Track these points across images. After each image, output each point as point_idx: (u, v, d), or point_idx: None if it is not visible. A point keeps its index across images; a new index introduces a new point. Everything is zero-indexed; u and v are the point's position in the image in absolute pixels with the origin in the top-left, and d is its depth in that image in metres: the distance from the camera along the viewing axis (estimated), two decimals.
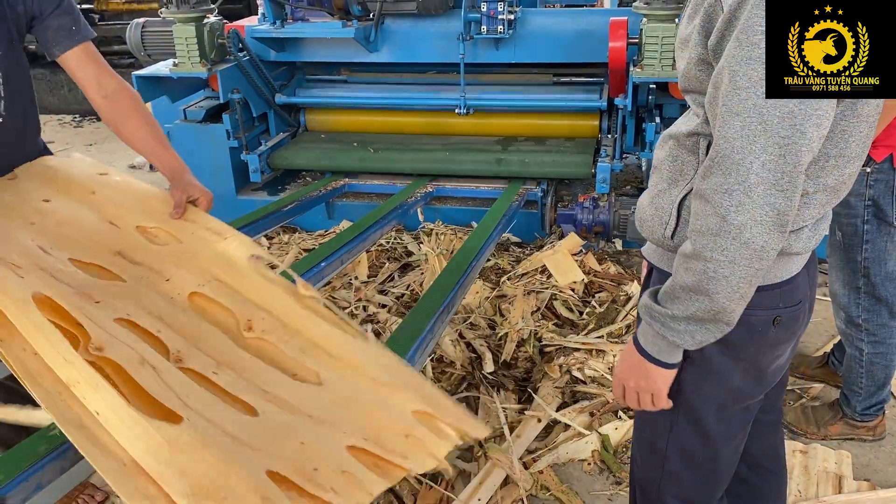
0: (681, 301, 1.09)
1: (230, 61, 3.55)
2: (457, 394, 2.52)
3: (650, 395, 1.21)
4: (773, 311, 1.17)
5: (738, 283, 1.03)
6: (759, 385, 1.27)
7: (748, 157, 0.97)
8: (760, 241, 1.00)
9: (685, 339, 1.11)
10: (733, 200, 0.99)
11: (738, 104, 0.97)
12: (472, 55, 3.60)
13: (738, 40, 0.97)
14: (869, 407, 2.27)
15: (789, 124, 0.95)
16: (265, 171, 3.72)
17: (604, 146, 3.53)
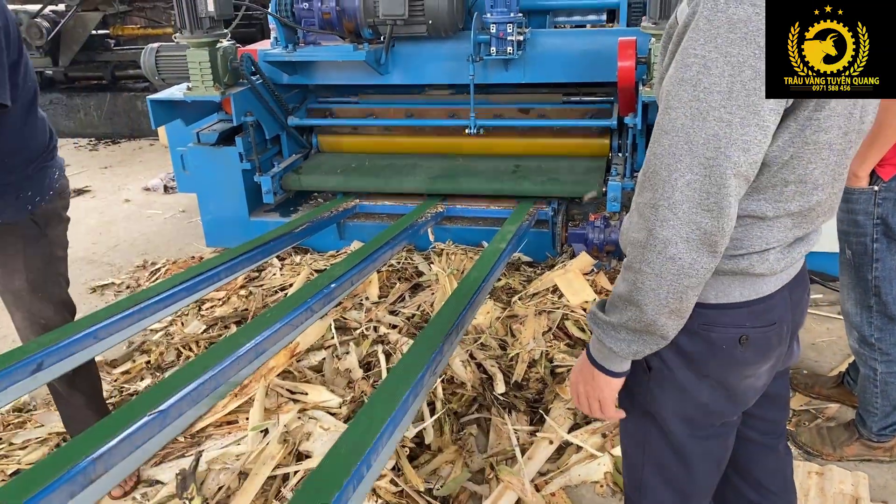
0: (617, 310, 1.12)
1: (243, 85, 3.60)
2: (468, 415, 2.52)
3: (597, 402, 1.23)
4: (738, 330, 1.16)
5: (666, 297, 1.05)
6: (730, 403, 1.26)
7: (674, 175, 0.99)
8: (687, 259, 1.02)
9: (622, 347, 1.13)
10: (659, 216, 1.01)
11: (667, 123, 1.00)
12: (482, 76, 3.63)
13: (676, 61, 0.99)
14: (885, 427, 2.24)
15: (714, 146, 0.96)
16: (278, 192, 3.76)
17: (614, 165, 3.54)
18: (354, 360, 2.76)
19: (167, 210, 4.79)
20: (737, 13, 0.93)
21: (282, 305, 2.21)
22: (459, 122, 3.76)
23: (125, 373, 2.89)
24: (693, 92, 0.97)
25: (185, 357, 2.95)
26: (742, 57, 0.93)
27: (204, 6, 3.24)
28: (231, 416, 2.56)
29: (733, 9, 0.93)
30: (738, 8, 0.93)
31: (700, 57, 0.96)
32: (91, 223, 4.66)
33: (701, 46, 0.96)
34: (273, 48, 3.81)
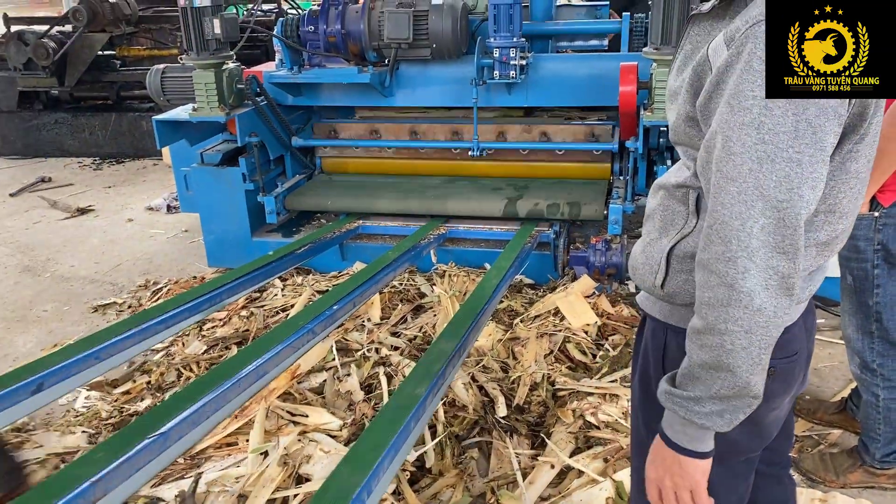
0: (701, 381, 1.04)
1: (248, 106, 3.63)
2: (469, 438, 2.50)
3: (688, 493, 1.13)
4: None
5: (758, 353, 1.00)
6: (757, 438, 1.24)
7: (748, 223, 0.96)
8: (772, 307, 0.98)
9: (714, 420, 1.05)
10: (738, 268, 0.97)
11: (732, 170, 0.97)
12: (485, 99, 3.66)
13: (730, 105, 0.97)
14: (889, 454, 2.22)
15: (786, 188, 0.95)
16: (281, 212, 3.78)
17: (616, 188, 3.55)
18: (356, 382, 2.75)
19: (170, 230, 4.81)
20: None
21: (283, 327, 2.21)
22: (462, 144, 3.79)
23: (125, 393, 2.89)
24: (757, 135, 0.95)
25: (186, 378, 2.94)
26: None
27: (210, 28, 3.28)
28: (231, 438, 2.55)
29: None
30: None
31: (759, 98, 0.94)
32: (94, 242, 4.67)
33: (759, 88, 0.94)
34: (278, 70, 3.85)
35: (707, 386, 1.04)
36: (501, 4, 3.37)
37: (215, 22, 3.26)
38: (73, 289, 3.93)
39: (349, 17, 3.56)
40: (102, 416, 2.71)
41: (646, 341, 1.29)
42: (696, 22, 1.13)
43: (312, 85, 3.85)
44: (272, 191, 3.76)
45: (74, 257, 4.42)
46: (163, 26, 6.92)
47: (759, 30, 0.94)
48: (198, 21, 3.30)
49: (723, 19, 1.06)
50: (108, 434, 2.60)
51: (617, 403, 2.56)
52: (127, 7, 6.60)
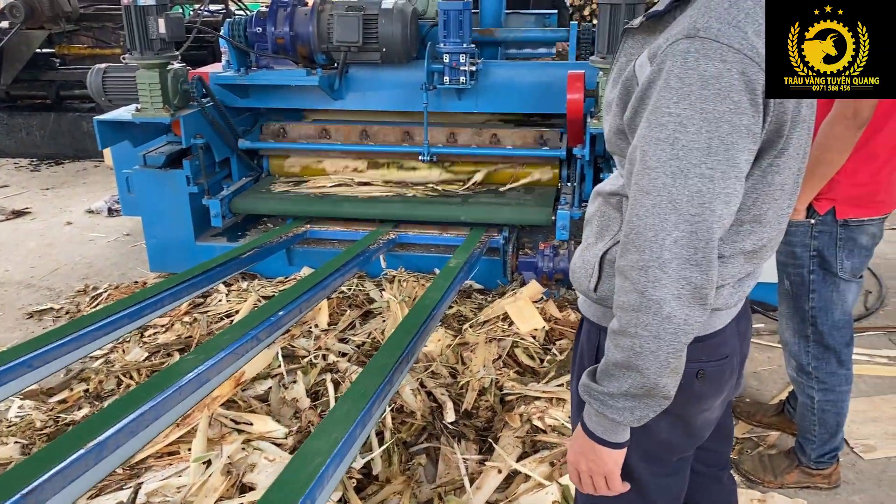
0: (615, 378, 1.09)
1: (194, 107, 3.55)
2: (417, 444, 2.49)
3: (603, 478, 1.19)
4: (696, 365, 1.17)
5: (666, 357, 1.04)
6: (688, 438, 1.27)
7: (660, 234, 1.00)
8: (682, 315, 1.02)
9: (625, 416, 1.11)
10: (650, 276, 1.01)
11: (648, 183, 1.01)
12: (436, 104, 3.66)
13: (648, 121, 1.00)
14: (823, 455, 2.29)
15: (698, 202, 0.98)
16: (227, 215, 3.70)
17: (563, 194, 3.60)
18: (302, 389, 2.71)
19: (111, 233, 4.67)
20: (708, 69, 0.95)
21: (227, 333, 2.17)
22: (412, 149, 3.78)
23: (62, 402, 2.78)
24: (671, 150, 0.98)
25: (126, 385, 2.86)
26: (718, 112, 0.96)
27: (155, 28, 3.21)
28: (172, 447, 2.48)
29: (704, 66, 0.95)
30: (708, 64, 0.95)
31: (675, 115, 0.97)
32: (31, 246, 4.50)
33: (675, 105, 0.97)
34: (225, 71, 3.78)
35: (619, 383, 1.09)
36: (451, 10, 3.38)
37: (160, 21, 3.18)
38: (6, 294, 3.77)
39: (298, 20, 3.52)
40: (37, 425, 2.60)
41: (581, 343, 1.31)
42: (629, 36, 1.16)
43: (260, 86, 3.80)
44: (217, 193, 3.69)
45: (9, 261, 4.25)
46: (105, 24, 6.72)
47: (678, 47, 0.97)
48: (142, 20, 3.22)
49: (653, 34, 1.09)
50: (42, 445, 2.50)
51: (563, 407, 2.58)
52: (67, 4, 6.39)
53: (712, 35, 0.96)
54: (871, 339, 3.26)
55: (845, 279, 2.10)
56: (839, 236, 2.05)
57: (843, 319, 2.16)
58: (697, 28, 0.97)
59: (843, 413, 2.24)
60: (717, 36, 0.96)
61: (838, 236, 2.05)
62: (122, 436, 1.52)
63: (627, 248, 1.04)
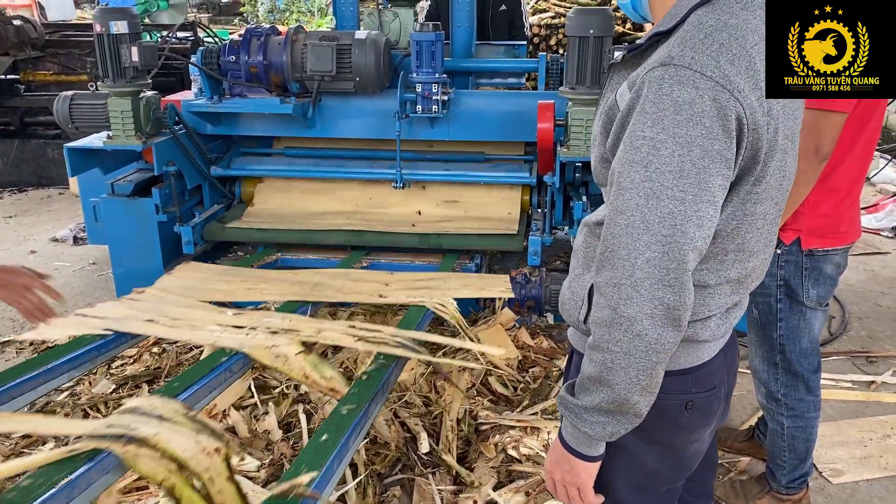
0: (588, 392, 1.12)
1: (166, 134, 3.53)
2: (391, 476, 2.47)
3: (576, 489, 1.22)
4: (684, 396, 1.20)
5: (636, 374, 1.06)
6: (676, 469, 1.29)
7: (633, 254, 1.03)
8: (653, 334, 1.04)
9: (597, 430, 1.13)
10: (622, 294, 1.04)
11: (622, 203, 1.04)
12: (408, 132, 3.69)
13: (625, 143, 1.04)
14: (793, 480, 2.33)
15: (669, 224, 1.01)
16: (199, 242, 3.66)
17: (534, 220, 3.63)
18: (274, 420, 2.68)
19: (76, 262, 4.58)
20: (681, 95, 0.98)
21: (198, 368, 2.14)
22: (385, 175, 3.79)
23: (26, 436, 2.71)
24: (645, 173, 1.01)
25: (93, 418, 2.79)
26: (690, 137, 0.98)
27: (128, 56, 3.19)
28: (141, 482, 2.42)
29: (677, 92, 0.98)
30: (682, 91, 0.98)
31: (649, 139, 1.00)
32: None
33: (649, 129, 1.00)
34: (197, 98, 3.76)
35: (592, 397, 1.12)
36: (424, 41, 3.42)
37: (133, 49, 3.16)
38: None
39: (271, 49, 3.53)
40: None
41: (571, 374, 1.32)
42: (614, 71, 1.19)
43: (232, 114, 3.79)
44: (189, 221, 3.66)
45: None
46: (71, 51, 6.64)
47: (654, 74, 1.01)
48: (115, 48, 3.20)
49: (635, 68, 1.12)
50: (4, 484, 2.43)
51: (538, 436, 2.59)
52: (33, 31, 6.32)
53: (686, 63, 0.99)
54: (836, 363, 3.33)
55: (811, 307, 2.15)
56: (805, 266, 2.10)
57: (810, 347, 2.21)
58: (672, 56, 1.01)
59: (812, 439, 2.28)
60: (690, 63, 0.99)
61: (804, 266, 2.10)
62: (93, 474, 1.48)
63: (603, 265, 1.07)
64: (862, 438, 2.76)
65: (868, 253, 4.52)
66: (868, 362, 3.36)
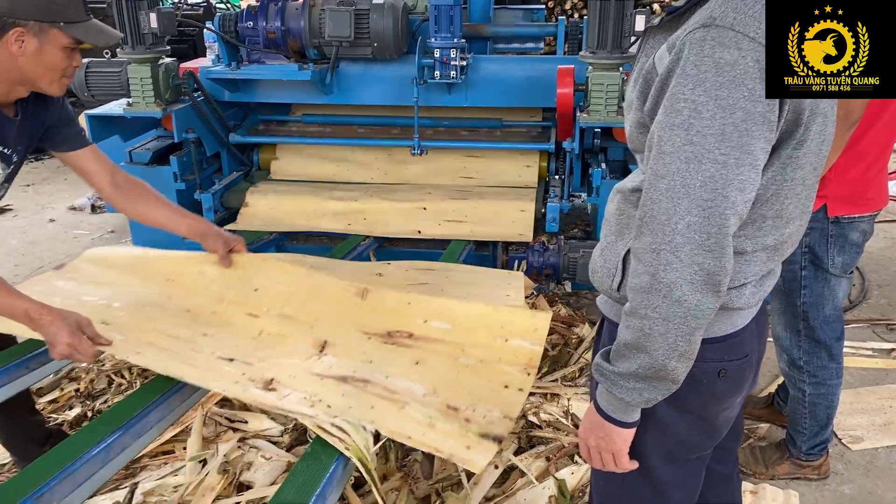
0: (625, 358, 1.12)
1: (185, 101, 3.52)
2: None
3: (611, 455, 1.22)
4: (717, 364, 1.19)
5: (674, 340, 1.06)
6: (708, 437, 1.30)
7: (673, 219, 1.02)
8: (693, 300, 1.03)
9: (633, 396, 1.13)
10: (661, 259, 1.03)
11: (662, 168, 1.02)
12: (426, 98, 3.66)
13: (664, 107, 1.02)
14: (814, 447, 2.34)
15: (711, 188, 0.99)
16: (219, 210, 3.68)
17: (552, 187, 3.62)
18: None
19: (95, 230, 4.61)
20: (723, 57, 0.96)
21: None
22: (403, 143, 3.78)
23: (53, 401, 2.76)
24: (686, 136, 0.99)
25: (117, 384, 2.84)
26: (732, 99, 0.97)
27: (147, 22, 3.17)
28: (167, 446, 2.47)
29: (719, 53, 0.96)
30: (723, 52, 0.96)
31: (690, 101, 0.98)
32: (13, 244, 4.44)
33: (690, 91, 0.98)
34: (214, 65, 3.74)
35: (629, 364, 1.11)
36: (442, 5, 3.37)
37: (152, 16, 3.15)
38: None
39: (289, 14, 3.50)
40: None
41: (603, 343, 1.32)
42: (650, 35, 1.17)
43: (250, 81, 3.77)
44: (209, 188, 3.66)
45: None
46: None
47: (695, 36, 0.99)
48: (133, 15, 3.19)
49: (673, 32, 1.10)
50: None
51: (558, 403, 2.61)
52: None
53: (728, 23, 0.97)
54: (856, 331, 3.32)
55: (836, 275, 2.14)
56: (830, 233, 2.09)
57: (833, 314, 2.20)
58: (714, 17, 0.98)
59: (833, 406, 2.29)
60: (732, 24, 0.97)
61: (829, 233, 2.09)
62: (127, 438, 1.51)
63: (642, 231, 1.06)
64: (882, 405, 2.76)
65: (889, 220, 4.48)
66: (888, 330, 3.34)
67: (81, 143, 2.06)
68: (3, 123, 1.80)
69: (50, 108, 1.94)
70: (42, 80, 1.75)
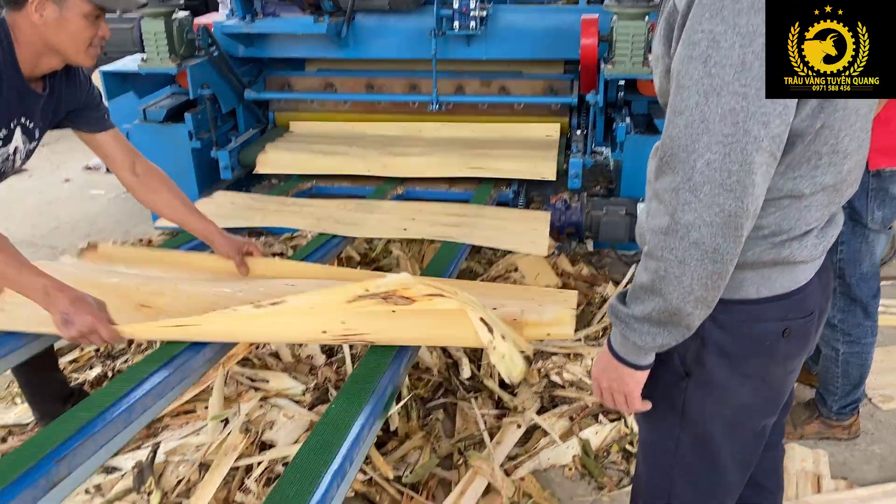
0: (640, 301, 1.08)
1: (200, 57, 3.45)
2: (433, 400, 2.48)
3: (623, 396, 1.19)
4: (782, 323, 1.13)
5: (690, 283, 1.01)
6: (772, 402, 1.24)
7: (692, 156, 0.96)
8: (711, 243, 0.97)
9: (646, 339, 1.09)
10: (680, 199, 0.97)
11: (680, 103, 0.96)
12: (444, 51, 3.56)
13: (683, 41, 0.96)
14: (844, 406, 2.29)
15: (731, 122, 0.93)
16: (235, 167, 3.62)
17: (574, 142, 3.53)
18: (317, 346, 2.69)
19: (111, 190, 4.58)
20: None
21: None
22: (420, 98, 3.69)
23: (73, 361, 2.76)
24: (704, 68, 0.93)
25: (137, 344, 2.82)
26: (751, 27, 0.90)
27: None
28: (188, 406, 2.47)
29: None
30: None
31: (707, 32, 0.92)
32: (29, 204, 4.43)
33: (707, 21, 0.92)
34: (228, 20, 3.65)
35: (643, 306, 1.07)
36: None
37: None
38: None
39: None
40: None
41: None
42: None
43: (264, 36, 3.68)
44: (225, 146, 3.60)
45: (9, 220, 4.17)
46: None
47: None
48: None
49: None
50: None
51: (581, 362, 2.57)
52: None
53: None
54: (886, 289, 3.22)
55: (875, 230, 2.06)
56: (871, 186, 2.00)
57: (870, 271, 2.13)
58: None
59: (867, 365, 2.23)
60: None
61: (870, 186, 2.00)
62: (149, 399, 1.48)
63: (662, 171, 1.01)
64: None
65: None
66: None
67: (105, 126, 2.05)
68: (31, 98, 1.78)
69: (78, 89, 1.93)
70: (69, 50, 1.72)
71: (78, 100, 1.95)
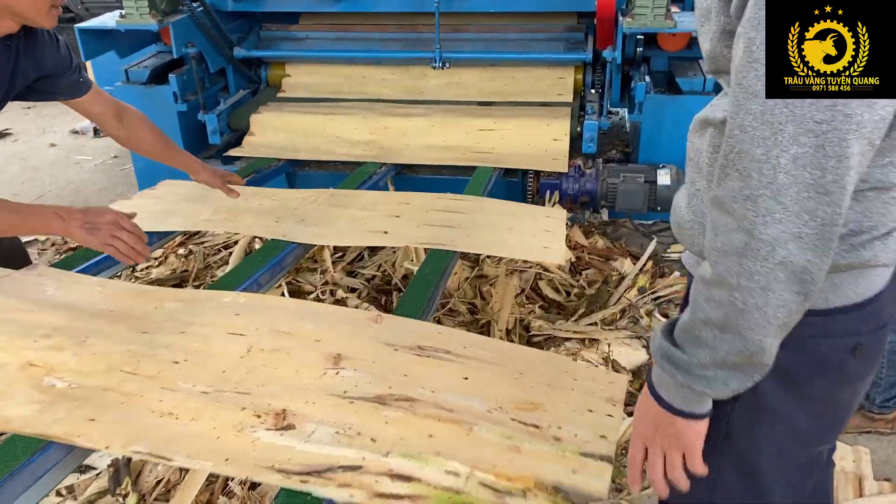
0: (704, 343, 0.85)
1: (183, 12, 3.19)
2: None
3: (680, 455, 0.96)
4: (850, 339, 0.92)
5: (774, 313, 0.79)
6: (832, 428, 1.04)
7: (773, 151, 0.74)
8: (801, 261, 0.76)
9: (717, 388, 0.87)
10: (760, 209, 0.75)
11: (756, 81, 0.75)
12: (448, 4, 3.29)
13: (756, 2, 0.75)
14: (888, 399, 2.12)
15: (826, 104, 0.72)
16: (224, 132, 3.38)
17: (589, 102, 3.28)
18: None
19: (98, 155, 4.37)
20: None
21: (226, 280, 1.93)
22: (422, 55, 3.42)
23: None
24: None
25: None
26: None
27: None
28: None
29: None
30: None
31: None
32: (13, 170, 4.23)
33: None
34: None
35: (711, 350, 0.85)
36: None
37: None
38: None
39: None
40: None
41: None
42: None
43: None
44: (214, 108, 3.36)
45: None
46: None
47: None
48: None
49: None
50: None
51: (597, 349, 2.35)
52: None
53: None
54: None
55: None
56: None
57: None
58: None
59: None
60: None
61: None
62: None
63: (727, 173, 0.78)
64: None
65: None
66: None
67: (84, 89, 1.98)
68: None
69: (41, 52, 1.80)
70: (28, 11, 1.61)
71: (43, 64, 1.81)
